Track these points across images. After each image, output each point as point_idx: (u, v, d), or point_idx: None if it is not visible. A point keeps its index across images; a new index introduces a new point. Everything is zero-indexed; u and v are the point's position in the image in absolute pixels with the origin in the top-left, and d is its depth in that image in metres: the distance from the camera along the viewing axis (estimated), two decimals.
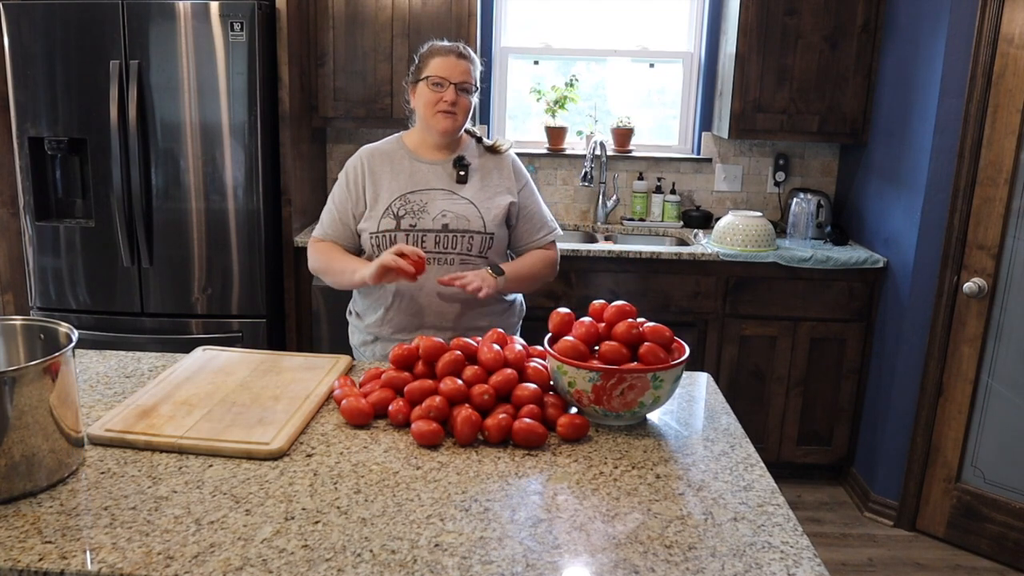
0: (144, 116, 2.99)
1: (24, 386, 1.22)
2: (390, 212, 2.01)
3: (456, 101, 1.98)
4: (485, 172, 2.09)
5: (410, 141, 2.11)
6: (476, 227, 2.02)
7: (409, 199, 2.02)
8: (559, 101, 3.76)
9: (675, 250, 3.22)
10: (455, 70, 1.98)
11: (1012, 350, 2.78)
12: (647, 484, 1.36)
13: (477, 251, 2.03)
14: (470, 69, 2.01)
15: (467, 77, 2.00)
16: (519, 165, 2.15)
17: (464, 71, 1.99)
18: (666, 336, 1.59)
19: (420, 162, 2.07)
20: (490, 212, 2.03)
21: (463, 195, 2.03)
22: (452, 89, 1.97)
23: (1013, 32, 2.64)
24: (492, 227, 2.03)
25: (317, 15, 3.33)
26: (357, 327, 2.17)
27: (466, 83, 1.99)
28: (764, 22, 3.29)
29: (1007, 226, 2.75)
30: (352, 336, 2.21)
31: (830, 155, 3.74)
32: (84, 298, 3.15)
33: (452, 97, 1.97)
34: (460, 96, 1.99)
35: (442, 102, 1.98)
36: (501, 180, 2.09)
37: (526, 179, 2.15)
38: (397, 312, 2.04)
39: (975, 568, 2.87)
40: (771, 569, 1.13)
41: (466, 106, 2.01)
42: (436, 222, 2.00)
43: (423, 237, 2.00)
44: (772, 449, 3.35)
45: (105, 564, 1.09)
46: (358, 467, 1.39)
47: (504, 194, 2.07)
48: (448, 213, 2.01)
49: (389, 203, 2.02)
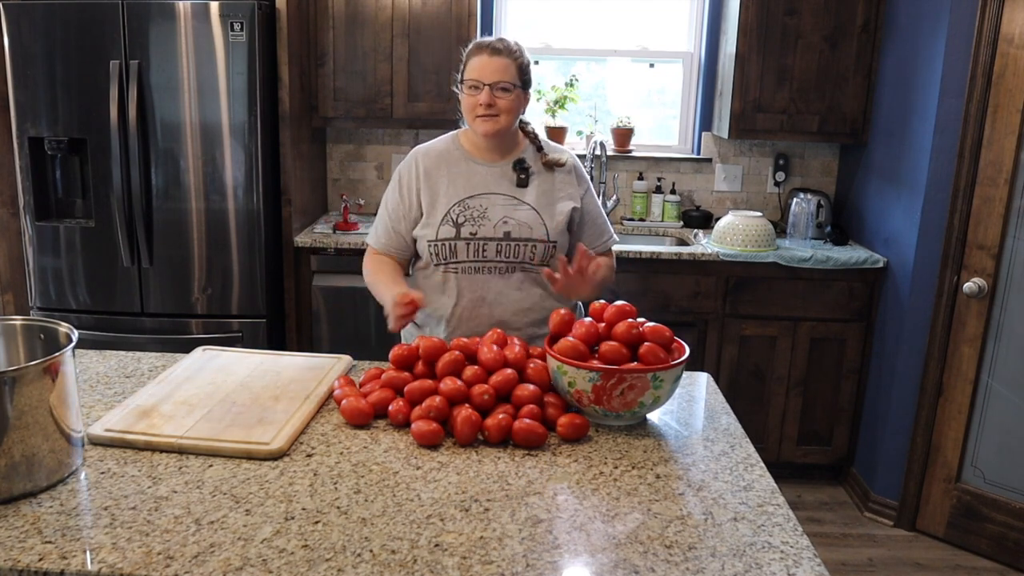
0: (144, 116, 2.99)
1: (24, 386, 1.22)
2: (449, 219, 1.91)
3: (492, 103, 1.85)
4: (547, 176, 1.98)
5: (466, 141, 1.99)
6: (539, 235, 1.92)
7: (468, 204, 1.91)
8: (559, 101, 3.76)
9: (675, 250, 3.22)
10: (487, 69, 1.85)
11: (1012, 350, 2.78)
12: (647, 484, 1.36)
13: (540, 259, 1.94)
14: (507, 66, 1.86)
15: (503, 75, 1.85)
16: (580, 168, 2.05)
17: (498, 68, 1.85)
18: (666, 336, 1.59)
19: (478, 164, 1.96)
20: (553, 219, 1.94)
21: (525, 200, 1.93)
22: (487, 91, 1.85)
23: (1013, 32, 2.64)
24: (555, 235, 1.94)
25: (317, 15, 3.33)
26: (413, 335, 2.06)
27: (503, 81, 1.85)
28: (764, 22, 3.29)
29: (1007, 226, 2.75)
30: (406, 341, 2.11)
31: (830, 155, 3.74)
32: (84, 298, 3.15)
33: (487, 99, 1.85)
34: (498, 96, 1.86)
35: (479, 106, 1.86)
36: (563, 185, 1.99)
37: (588, 183, 2.05)
38: (458, 326, 1.96)
39: (975, 568, 2.87)
40: (771, 569, 1.13)
41: (508, 106, 1.87)
42: (498, 229, 1.91)
43: (484, 245, 1.90)
44: (772, 449, 3.35)
45: (105, 564, 1.09)
46: (358, 467, 1.39)
47: (566, 200, 1.97)
48: (510, 220, 1.91)
49: (447, 209, 1.91)
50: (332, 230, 3.38)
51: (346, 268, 3.20)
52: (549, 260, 1.95)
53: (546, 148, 2.01)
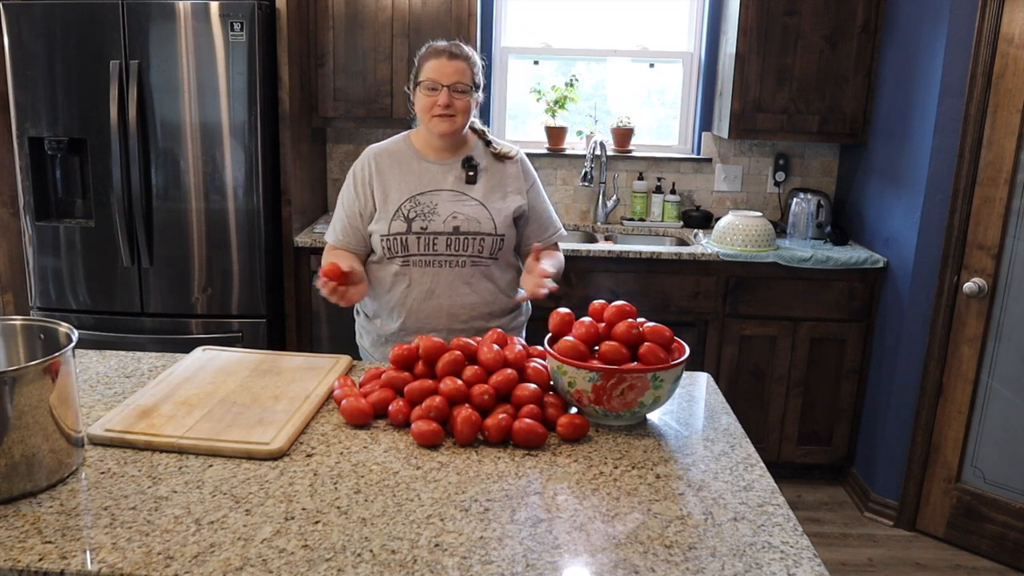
0: (144, 116, 2.99)
1: (24, 386, 1.22)
2: (400, 214, 1.99)
3: (450, 103, 1.94)
4: (494, 172, 2.07)
5: (417, 141, 2.09)
6: (487, 229, 2.01)
7: (419, 200, 2.00)
8: (559, 101, 3.76)
9: (675, 250, 3.22)
10: (446, 71, 1.94)
11: (1012, 350, 2.78)
12: (647, 484, 1.36)
13: (488, 253, 2.02)
14: (464, 68, 1.96)
15: (460, 77, 1.95)
16: (527, 164, 2.14)
17: (456, 71, 1.95)
18: (666, 336, 1.59)
19: (428, 162, 2.05)
20: (500, 213, 2.02)
21: (472, 196, 2.02)
22: (445, 92, 1.94)
23: (1013, 32, 2.64)
24: (503, 228, 2.02)
25: (317, 15, 3.33)
26: (366, 328, 2.15)
27: (460, 83, 1.95)
28: (764, 22, 3.29)
29: (1007, 226, 2.75)
30: (361, 336, 2.19)
31: (830, 155, 3.74)
32: (84, 298, 3.15)
33: (445, 100, 1.94)
34: (455, 98, 1.95)
35: (436, 106, 1.95)
36: (511, 180, 2.08)
37: (534, 179, 2.14)
38: (408, 317, 2.03)
39: (975, 568, 2.87)
40: (771, 569, 1.13)
41: (463, 107, 1.97)
42: (447, 224, 1.99)
43: (434, 240, 1.99)
44: (772, 449, 3.35)
45: (105, 564, 1.09)
46: (358, 467, 1.39)
47: (514, 195, 2.06)
48: (459, 215, 1.99)
49: (399, 205, 2.00)
50: None
51: None
52: (498, 253, 2.03)
53: (494, 142, 2.11)
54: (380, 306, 2.09)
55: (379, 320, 2.10)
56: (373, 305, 2.12)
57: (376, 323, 2.11)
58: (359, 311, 2.20)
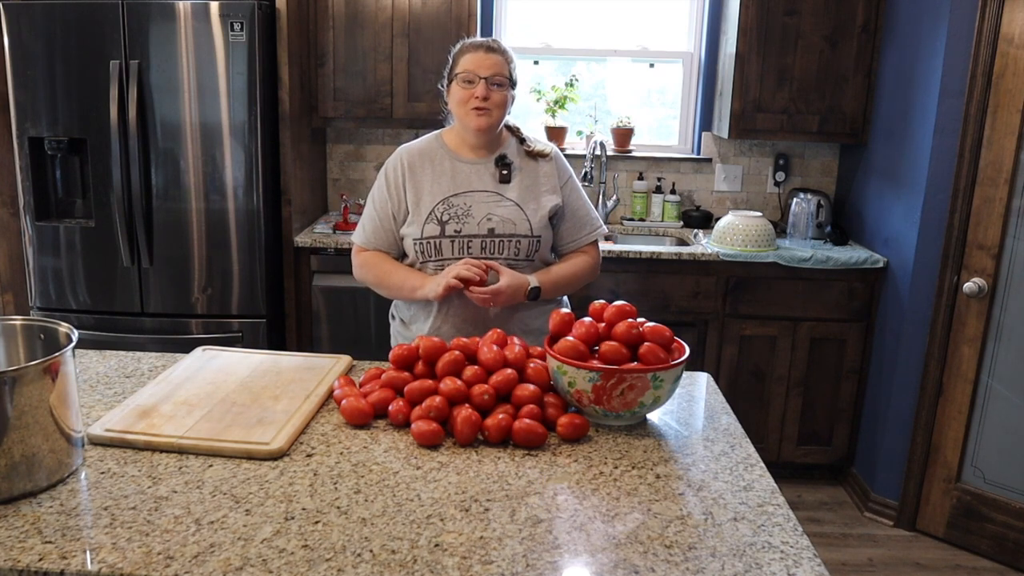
0: (144, 116, 2.99)
1: (24, 386, 1.22)
2: (434, 217, 1.94)
3: (488, 96, 1.90)
4: (528, 170, 2.01)
5: (450, 139, 2.03)
6: (523, 230, 1.95)
7: (452, 203, 1.94)
8: (559, 101, 3.76)
9: (675, 250, 3.22)
10: (484, 64, 1.90)
11: (1012, 350, 2.78)
12: (647, 484, 1.36)
13: (524, 255, 1.96)
14: (501, 62, 1.92)
15: (498, 70, 1.91)
16: (562, 161, 2.07)
17: (494, 64, 1.91)
18: (666, 336, 1.59)
19: (461, 162, 1.99)
20: (536, 214, 1.96)
21: (508, 196, 1.96)
22: (483, 84, 1.89)
23: (1013, 32, 2.64)
24: (539, 229, 1.96)
25: (317, 15, 3.33)
26: (402, 334, 2.09)
27: (497, 76, 1.90)
28: (764, 22, 3.29)
29: (1007, 226, 2.75)
30: (395, 340, 2.13)
31: (830, 155, 3.74)
32: (84, 298, 3.15)
33: (483, 92, 1.89)
34: (492, 91, 1.90)
35: (473, 99, 1.90)
36: (545, 179, 2.02)
37: (569, 175, 2.07)
38: (445, 321, 1.98)
39: (975, 568, 2.87)
40: (771, 569, 1.13)
41: (500, 101, 1.92)
42: (482, 226, 1.93)
43: (468, 242, 1.93)
44: (772, 449, 3.35)
45: (105, 564, 1.09)
46: (358, 467, 1.39)
47: (548, 194, 2.00)
48: (493, 217, 1.94)
49: (432, 207, 1.94)
50: (332, 230, 3.38)
51: (346, 268, 3.17)
52: (534, 254, 1.98)
53: (529, 140, 2.06)
54: (415, 310, 2.04)
55: (415, 325, 2.04)
56: (408, 310, 2.06)
57: (412, 329, 2.05)
58: (395, 315, 2.14)
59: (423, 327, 2.01)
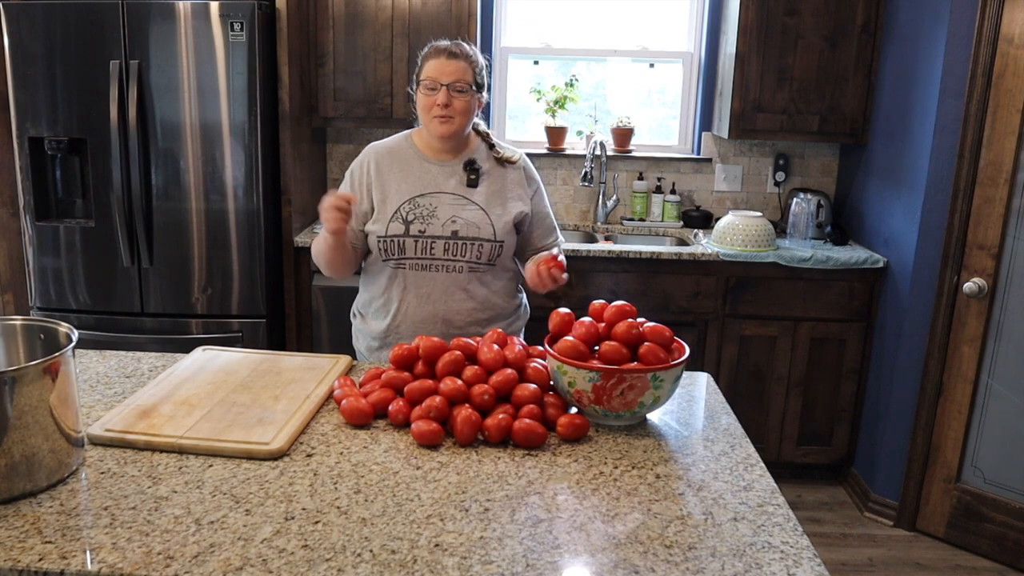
0: (144, 116, 2.99)
1: (24, 386, 1.22)
2: (399, 216, 1.95)
3: (448, 103, 1.90)
4: (496, 176, 2.02)
5: (419, 140, 2.05)
6: (486, 235, 1.96)
7: (418, 203, 1.96)
8: (559, 101, 3.76)
9: (675, 250, 3.22)
10: (445, 70, 1.91)
11: (1012, 350, 2.78)
12: (647, 484, 1.36)
13: (486, 259, 1.98)
14: (464, 68, 1.92)
15: (460, 76, 1.91)
16: (531, 169, 2.09)
17: (456, 70, 1.91)
18: (666, 336, 1.59)
19: (429, 163, 2.01)
20: (501, 219, 1.97)
21: (474, 200, 1.97)
22: (444, 91, 1.90)
23: (1013, 32, 2.64)
24: (502, 235, 1.97)
25: (317, 15, 3.33)
26: (362, 331, 2.11)
27: (459, 83, 1.91)
28: (764, 22, 3.29)
29: (1007, 226, 2.75)
30: (357, 340, 2.15)
31: (830, 155, 3.74)
32: (84, 298, 3.15)
33: (444, 99, 1.90)
34: (455, 97, 1.91)
35: (436, 106, 1.91)
36: (513, 185, 2.03)
37: (538, 184, 2.09)
38: (403, 321, 2.00)
39: (975, 568, 2.87)
40: (771, 569, 1.13)
41: (462, 108, 1.93)
42: (446, 228, 1.95)
43: (432, 243, 1.95)
44: (772, 449, 3.35)
45: (105, 564, 1.09)
46: (358, 467, 1.39)
47: (516, 201, 2.01)
48: (458, 219, 1.95)
49: (398, 206, 1.96)
50: None
51: None
52: (495, 259, 1.99)
53: (498, 146, 2.07)
54: (375, 307, 2.06)
55: (374, 322, 2.06)
56: (368, 306, 2.09)
57: (371, 326, 2.07)
58: (356, 313, 2.17)
59: (381, 324, 2.03)
